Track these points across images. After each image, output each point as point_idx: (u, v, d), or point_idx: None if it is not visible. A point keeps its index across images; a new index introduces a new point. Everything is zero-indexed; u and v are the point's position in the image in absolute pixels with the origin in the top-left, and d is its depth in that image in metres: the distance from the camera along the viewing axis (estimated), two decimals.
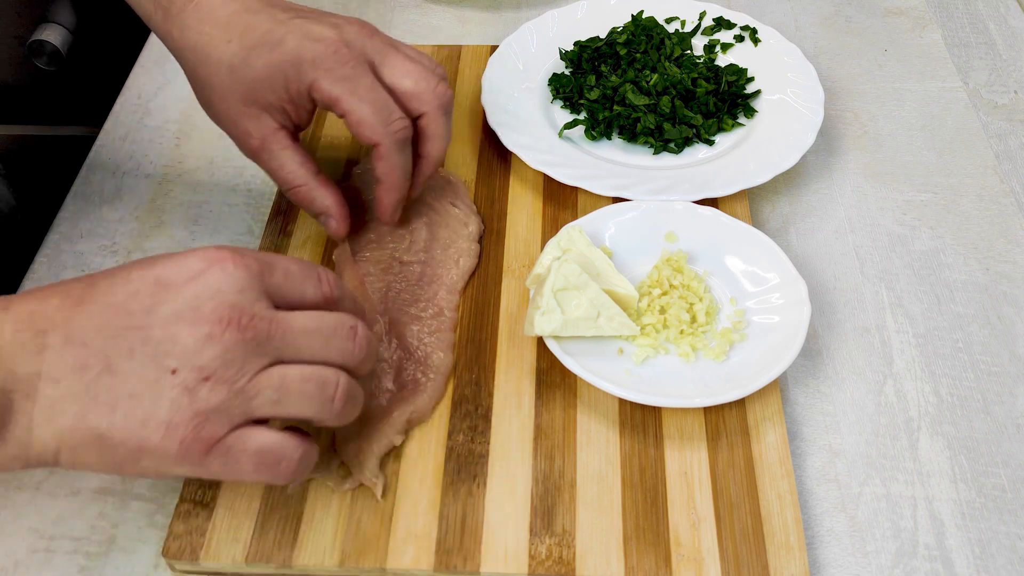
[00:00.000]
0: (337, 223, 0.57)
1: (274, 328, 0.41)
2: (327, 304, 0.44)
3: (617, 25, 0.74)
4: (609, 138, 0.67)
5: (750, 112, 0.68)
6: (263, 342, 0.40)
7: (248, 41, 0.52)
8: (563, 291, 0.52)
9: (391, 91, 0.53)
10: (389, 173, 0.55)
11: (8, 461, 0.40)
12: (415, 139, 0.56)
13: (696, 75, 0.68)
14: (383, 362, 0.53)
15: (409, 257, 0.58)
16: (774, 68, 0.70)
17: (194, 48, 0.54)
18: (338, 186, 0.58)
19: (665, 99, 0.66)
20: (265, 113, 0.54)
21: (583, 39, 0.73)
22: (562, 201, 0.63)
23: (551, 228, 0.61)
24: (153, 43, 0.79)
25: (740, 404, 0.52)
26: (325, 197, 0.56)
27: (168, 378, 0.39)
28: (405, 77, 0.53)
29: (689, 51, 0.72)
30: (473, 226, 0.60)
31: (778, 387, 0.52)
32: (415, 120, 0.55)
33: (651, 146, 0.66)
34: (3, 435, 0.39)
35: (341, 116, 0.53)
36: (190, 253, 0.41)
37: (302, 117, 0.55)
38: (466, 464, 0.50)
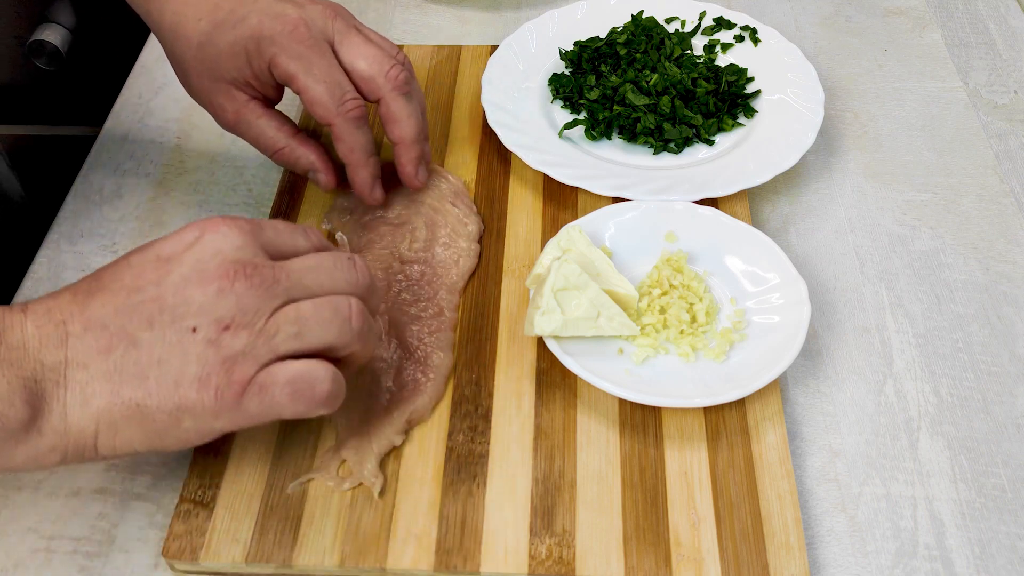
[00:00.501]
0: (325, 176, 0.60)
1: (279, 272, 0.43)
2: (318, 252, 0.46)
3: (617, 25, 0.74)
4: (609, 138, 0.67)
5: (750, 112, 0.68)
6: (271, 285, 0.42)
7: (215, 19, 0.54)
8: (563, 291, 0.52)
9: (348, 72, 0.55)
10: (348, 153, 0.56)
11: (46, 453, 0.41)
12: (386, 127, 0.57)
13: (696, 75, 0.68)
14: (383, 362, 0.53)
15: (409, 257, 0.58)
16: (774, 68, 0.70)
17: (169, 26, 0.56)
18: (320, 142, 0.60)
19: (665, 99, 0.66)
20: (234, 88, 0.56)
21: (583, 39, 0.73)
22: (562, 201, 0.63)
23: (551, 228, 0.61)
24: (153, 43, 0.79)
25: (740, 404, 0.52)
26: (308, 154, 0.59)
27: (190, 336, 0.41)
28: (361, 59, 0.55)
29: (689, 51, 0.72)
30: (473, 226, 0.60)
31: (778, 387, 0.52)
32: (377, 105, 0.57)
33: (651, 146, 0.66)
34: (39, 426, 0.40)
35: (298, 94, 0.54)
36: (182, 228, 0.43)
37: (269, 92, 0.57)
38: (466, 464, 0.50)
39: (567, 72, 0.72)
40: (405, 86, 0.56)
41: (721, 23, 0.73)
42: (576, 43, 0.72)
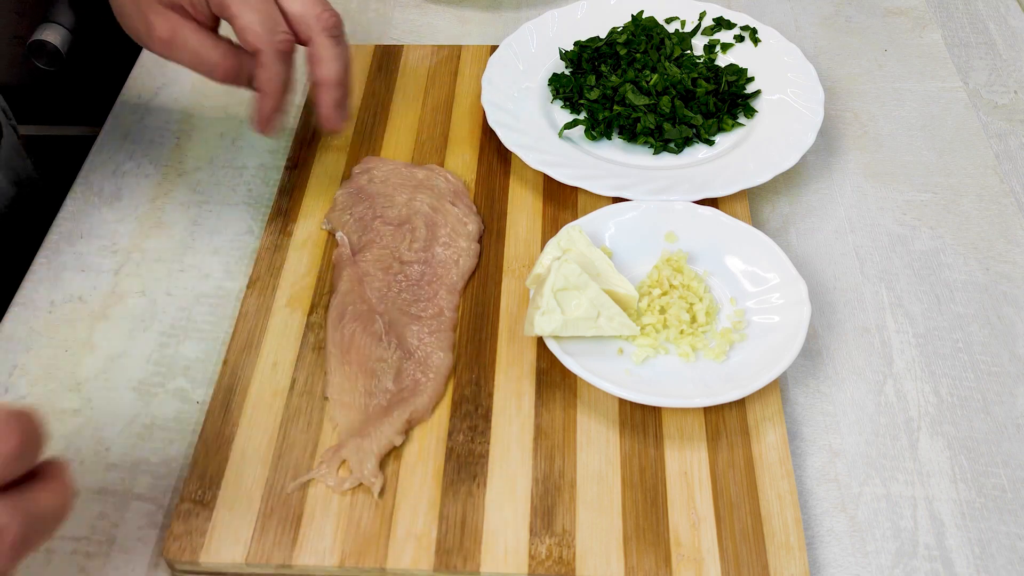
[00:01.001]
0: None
1: None
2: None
3: (617, 25, 0.74)
4: (609, 138, 0.67)
5: (750, 112, 0.68)
6: None
7: None
8: (563, 291, 0.52)
9: (282, 13, 0.55)
10: (268, 82, 0.56)
11: None
12: (311, 67, 0.57)
13: (696, 75, 0.68)
14: (383, 362, 0.53)
15: (409, 257, 0.58)
16: (774, 68, 0.70)
17: None
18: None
19: (665, 99, 0.66)
20: (169, 10, 0.56)
21: (583, 39, 0.73)
22: (562, 201, 0.63)
23: (551, 228, 0.61)
24: None
25: (740, 404, 0.52)
26: (253, 64, 0.56)
27: None
28: (295, 2, 0.56)
29: (689, 51, 0.72)
30: (473, 226, 0.60)
31: (778, 387, 0.52)
32: (305, 47, 0.57)
33: (651, 146, 0.66)
34: None
35: (229, 20, 0.54)
36: None
37: (202, 20, 0.56)
38: (466, 464, 0.50)
39: (567, 72, 0.72)
40: (335, 29, 0.57)
41: (721, 23, 0.73)
42: (576, 43, 0.72)
